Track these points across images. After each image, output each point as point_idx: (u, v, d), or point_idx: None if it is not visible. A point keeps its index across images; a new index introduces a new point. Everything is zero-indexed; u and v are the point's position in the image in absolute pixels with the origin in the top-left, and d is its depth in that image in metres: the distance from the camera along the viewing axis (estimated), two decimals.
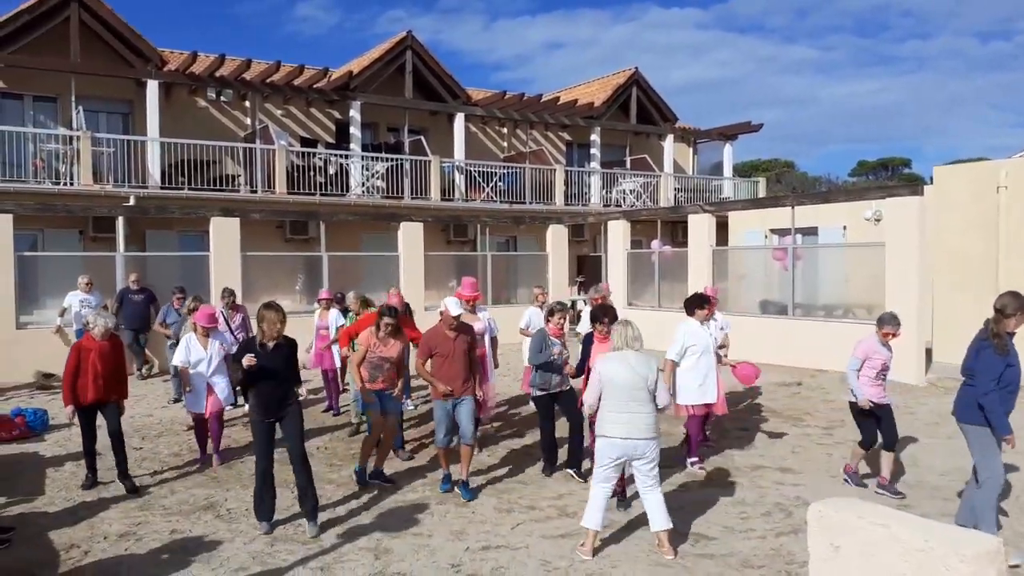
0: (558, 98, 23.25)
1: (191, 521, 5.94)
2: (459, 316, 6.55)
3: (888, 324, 6.56)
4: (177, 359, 7.76)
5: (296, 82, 18.92)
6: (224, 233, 14.27)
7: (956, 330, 11.94)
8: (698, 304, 7.34)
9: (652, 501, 5.21)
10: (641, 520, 5.85)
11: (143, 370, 12.64)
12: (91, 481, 6.87)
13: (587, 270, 21.56)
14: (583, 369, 6.69)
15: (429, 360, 6.56)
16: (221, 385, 7.66)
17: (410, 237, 16.40)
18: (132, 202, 15.87)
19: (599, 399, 5.28)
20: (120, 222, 14.65)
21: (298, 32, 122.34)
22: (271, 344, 5.76)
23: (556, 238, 18.77)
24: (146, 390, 11.58)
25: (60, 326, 12.51)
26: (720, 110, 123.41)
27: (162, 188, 16.82)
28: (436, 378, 6.50)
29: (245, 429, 9.04)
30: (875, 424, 6.61)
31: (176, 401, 10.38)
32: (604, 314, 6.75)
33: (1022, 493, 6.41)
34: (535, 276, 18.36)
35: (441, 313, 6.62)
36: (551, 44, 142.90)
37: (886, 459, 6.58)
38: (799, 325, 13.65)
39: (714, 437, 8.23)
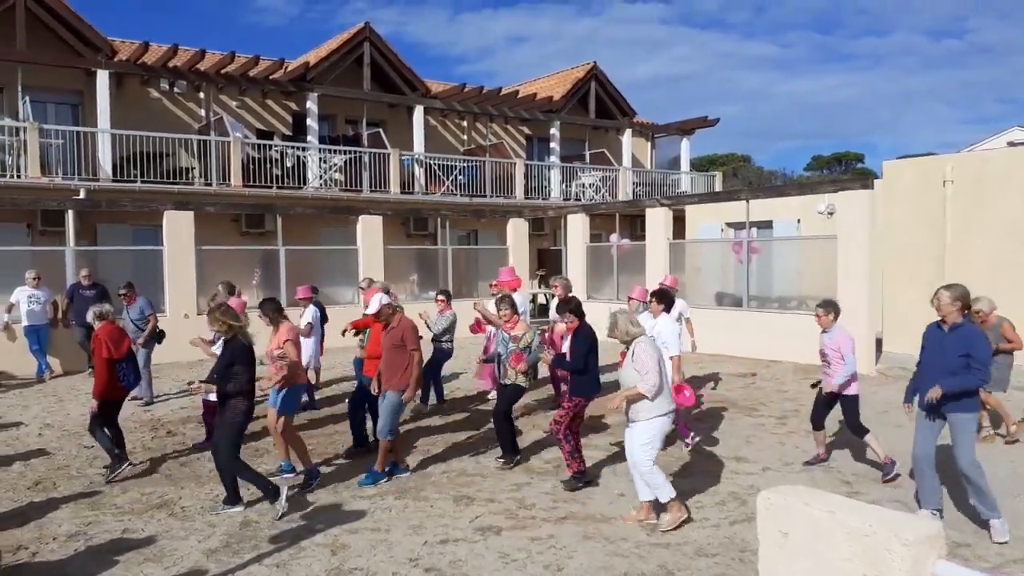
0: (517, 92, 23.25)
1: (144, 520, 5.84)
2: (378, 313, 6.62)
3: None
4: None
5: (252, 73, 18.63)
6: (178, 227, 14.02)
7: (905, 321, 12.27)
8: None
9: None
10: (598, 509, 5.93)
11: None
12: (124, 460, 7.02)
13: (547, 263, 21.65)
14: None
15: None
16: None
17: (369, 231, 16.29)
18: (82, 195, 15.49)
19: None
20: (70, 216, 14.28)
21: (257, 23, 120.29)
22: None
23: (516, 232, 18.81)
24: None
25: (7, 322, 12.18)
26: (681, 105, 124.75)
27: (114, 181, 16.44)
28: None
29: (202, 426, 8.93)
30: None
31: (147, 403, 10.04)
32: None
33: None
34: (496, 270, 18.35)
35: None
36: (514, 38, 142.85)
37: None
38: (754, 317, 13.88)
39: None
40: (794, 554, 3.32)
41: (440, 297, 9.68)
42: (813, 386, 7.41)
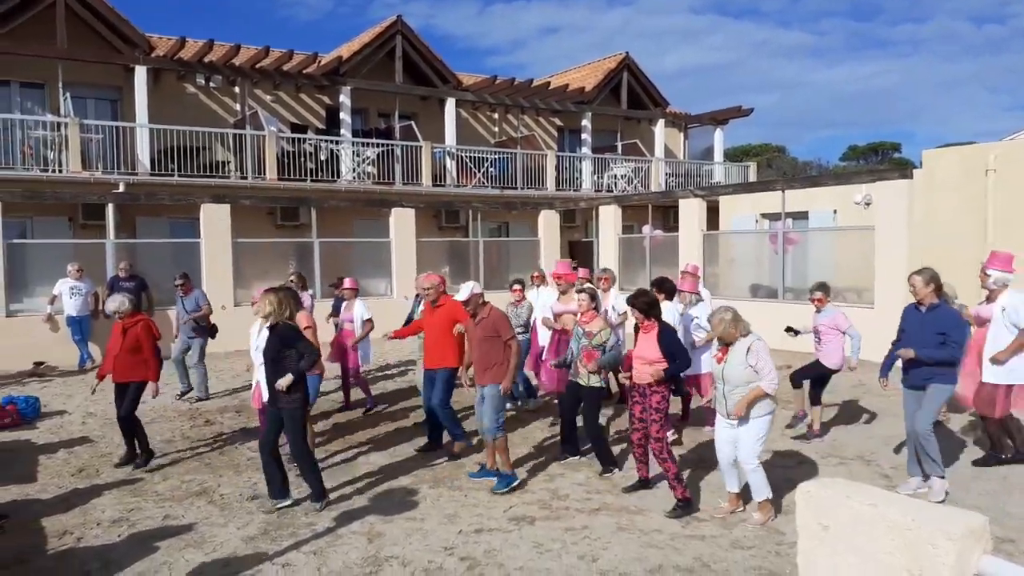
0: (549, 83, 23.16)
1: (184, 507, 5.95)
2: (466, 301, 6.45)
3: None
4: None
5: (285, 67, 18.79)
6: (215, 220, 14.22)
7: None
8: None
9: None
10: (632, 501, 5.91)
11: None
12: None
13: (579, 255, 21.57)
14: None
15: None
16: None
17: (402, 223, 16.38)
18: (122, 189, 15.77)
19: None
20: (110, 209, 14.57)
21: (290, 17, 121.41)
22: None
23: (548, 223, 18.78)
24: None
25: (50, 314, 12.45)
26: (714, 95, 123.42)
27: (152, 175, 16.71)
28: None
29: (239, 416, 9.07)
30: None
31: (185, 395, 9.99)
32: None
33: (1010, 472, 6.48)
34: (527, 262, 18.35)
35: None
36: (545, 29, 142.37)
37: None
38: (789, 308, 13.69)
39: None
40: (834, 547, 3.28)
41: (516, 287, 9.03)
42: (787, 330, 8.13)
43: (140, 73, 17.15)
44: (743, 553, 4.99)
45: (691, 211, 15.72)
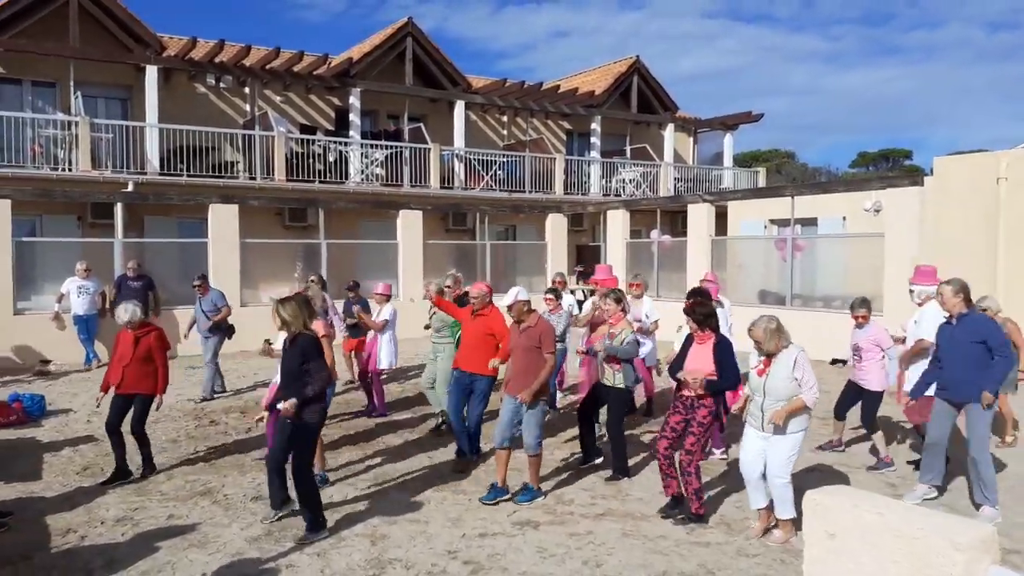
0: (558, 86, 23.16)
1: (188, 507, 5.95)
2: (510, 307, 6.27)
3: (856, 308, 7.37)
4: None
5: (296, 68, 18.83)
6: (223, 220, 14.26)
7: None
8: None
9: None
10: (637, 507, 5.88)
11: None
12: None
13: (586, 259, 21.54)
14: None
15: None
16: None
17: (409, 225, 16.39)
18: (131, 188, 15.83)
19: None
20: (119, 208, 14.62)
21: (302, 19, 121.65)
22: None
23: (555, 227, 18.76)
24: None
25: (58, 312, 12.48)
26: (724, 100, 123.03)
27: (161, 174, 16.76)
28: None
29: (244, 416, 9.07)
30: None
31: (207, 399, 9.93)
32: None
33: (1016, 483, 6.43)
34: (534, 265, 18.36)
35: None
36: (557, 32, 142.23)
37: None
38: (797, 315, 13.62)
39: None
40: (840, 555, 3.25)
41: (549, 296, 8.73)
42: (834, 363, 7.66)
43: (151, 73, 17.22)
44: (748, 561, 4.95)
45: (699, 216, 15.68)
